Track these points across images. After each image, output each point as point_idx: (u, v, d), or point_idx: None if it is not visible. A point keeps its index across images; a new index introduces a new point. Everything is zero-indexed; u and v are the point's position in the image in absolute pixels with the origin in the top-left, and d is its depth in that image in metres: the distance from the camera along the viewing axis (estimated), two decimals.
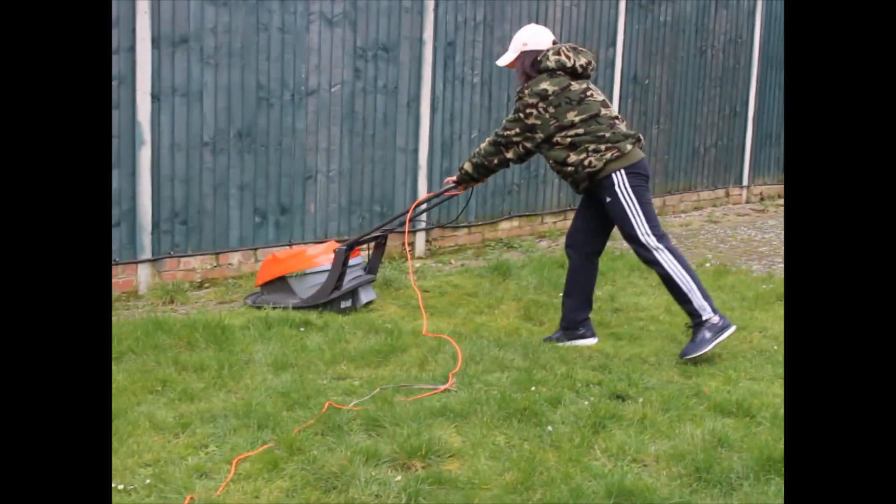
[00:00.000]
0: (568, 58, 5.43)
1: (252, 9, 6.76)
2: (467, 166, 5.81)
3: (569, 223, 9.21)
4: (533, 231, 8.93)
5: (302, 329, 5.65)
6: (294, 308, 6.03)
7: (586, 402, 4.55)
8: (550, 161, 5.55)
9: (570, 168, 5.42)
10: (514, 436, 4.18)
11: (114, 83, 6.19)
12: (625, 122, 5.61)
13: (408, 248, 7.42)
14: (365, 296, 6.29)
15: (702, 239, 9.22)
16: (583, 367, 5.10)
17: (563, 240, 8.70)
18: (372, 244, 6.44)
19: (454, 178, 6.02)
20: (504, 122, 5.63)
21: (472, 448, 4.03)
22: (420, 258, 7.91)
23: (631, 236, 5.39)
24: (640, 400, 4.63)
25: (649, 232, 5.36)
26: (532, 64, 5.49)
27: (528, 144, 5.52)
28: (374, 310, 6.23)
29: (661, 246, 5.35)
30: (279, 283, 6.21)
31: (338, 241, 6.48)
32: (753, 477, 3.83)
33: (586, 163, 5.35)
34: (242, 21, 6.73)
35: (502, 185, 8.56)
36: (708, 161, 10.77)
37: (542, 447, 4.07)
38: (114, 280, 6.42)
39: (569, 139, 5.37)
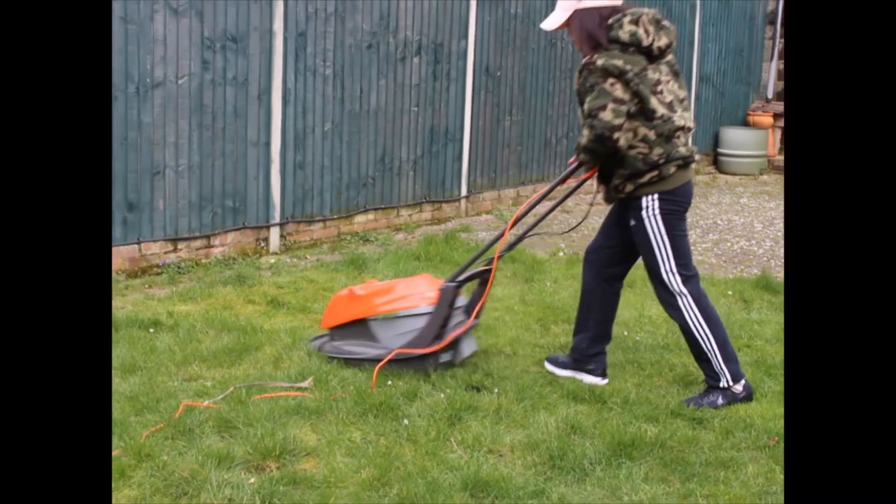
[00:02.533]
0: (647, 33, 4.44)
1: None
2: (583, 156, 4.59)
3: (424, 216, 9.28)
4: (389, 224, 8.91)
5: (151, 330, 5.49)
6: (373, 362, 4.82)
7: (442, 395, 4.57)
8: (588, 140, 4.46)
9: (608, 183, 4.66)
10: (370, 431, 4.18)
11: None
12: (691, 131, 4.66)
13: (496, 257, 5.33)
14: (467, 347, 5.09)
15: (556, 228, 9.37)
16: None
17: (419, 232, 8.75)
18: (476, 280, 5.21)
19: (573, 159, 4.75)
20: (588, 104, 4.43)
21: (327, 446, 4.01)
22: (274, 254, 7.80)
23: (653, 271, 4.69)
24: (496, 390, 4.68)
25: (675, 270, 4.62)
26: (600, 25, 4.47)
27: (623, 122, 4.39)
28: (228, 307, 6.10)
29: (685, 291, 4.61)
30: (356, 328, 4.99)
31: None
32: (605, 462, 3.93)
33: (622, 183, 4.57)
34: None
35: (356, 179, 8.52)
36: (559, 151, 10.95)
37: (398, 442, 4.07)
38: None
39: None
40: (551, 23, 4.64)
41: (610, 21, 4.46)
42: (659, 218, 4.54)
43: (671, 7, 12.46)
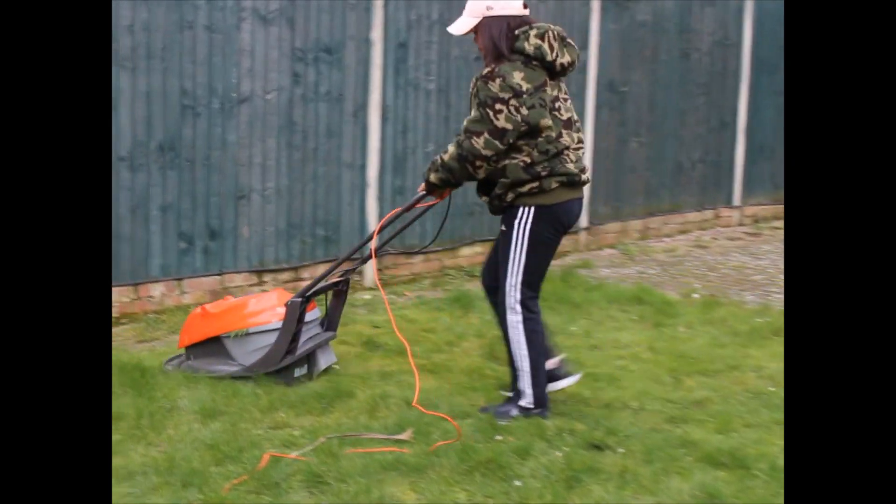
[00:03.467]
0: (552, 48, 4.91)
1: (175, 5, 6.74)
2: (433, 178, 5.11)
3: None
4: None
5: None
6: (233, 377, 5.39)
7: (559, 453, 4.56)
8: (451, 157, 4.99)
9: (488, 191, 5.09)
10: (476, 492, 4.18)
11: None
12: (581, 150, 5.12)
13: (379, 282, 7.18)
14: (324, 360, 5.70)
15: (688, 266, 9.28)
16: (554, 414, 5.10)
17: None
18: (329, 292, 5.87)
19: (421, 187, 5.30)
20: (466, 123, 4.94)
21: None
22: (370, 289, 7.90)
23: (502, 275, 5.10)
24: (621, 450, 4.64)
25: (518, 285, 5.03)
26: (507, 35, 4.88)
27: (497, 158, 4.89)
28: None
29: (518, 308, 5.04)
30: (211, 346, 5.55)
31: (285, 291, 5.94)
32: None
33: (506, 193, 4.99)
34: (164, 18, 6.71)
35: (462, 207, 8.57)
36: (694, 178, 10.86)
37: None
38: None
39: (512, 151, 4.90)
40: (458, 28, 5.05)
41: (517, 32, 4.89)
42: (527, 231, 4.97)
43: None
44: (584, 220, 9.65)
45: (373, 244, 5.32)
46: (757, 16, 11.18)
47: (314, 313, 5.70)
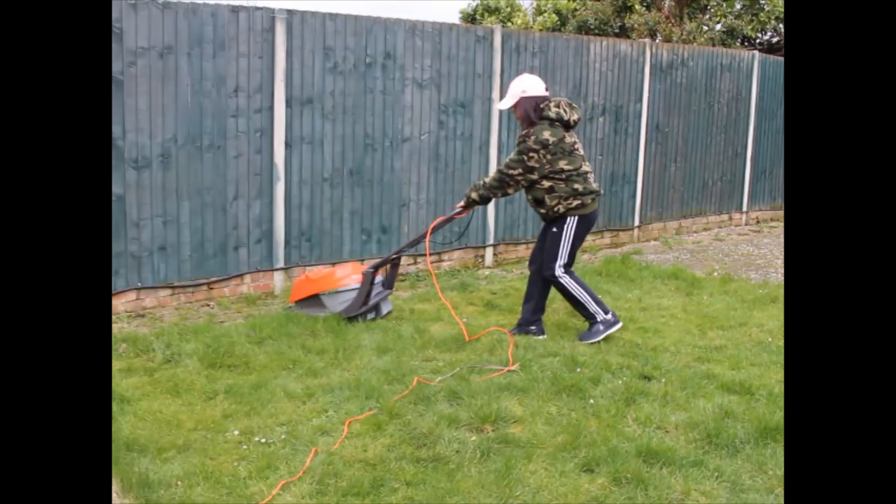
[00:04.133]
0: (566, 111, 5.20)
1: (361, 76, 6.84)
2: (474, 195, 5.40)
3: (604, 241, 9.17)
4: None
5: (395, 321, 5.68)
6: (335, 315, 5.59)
7: (620, 381, 4.51)
8: (529, 197, 5.34)
9: (542, 209, 5.30)
10: (563, 406, 4.16)
11: (256, 134, 6.32)
12: (592, 175, 5.38)
13: (430, 266, 7.27)
14: (385, 308, 5.86)
15: (710, 254, 9.05)
16: (616, 354, 5.04)
17: (601, 254, 8.65)
18: (389, 265, 6.01)
19: (462, 203, 5.56)
20: (508, 160, 5.25)
21: (530, 416, 4.02)
22: (489, 267, 7.91)
23: (549, 260, 5.33)
24: (663, 380, 4.57)
25: (561, 265, 5.31)
26: (535, 109, 5.19)
27: (524, 183, 5.25)
28: (455, 307, 6.21)
29: (563, 275, 5.32)
30: (312, 300, 5.76)
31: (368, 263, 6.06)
32: (754, 442, 3.77)
33: (556, 209, 5.23)
34: (354, 86, 6.81)
35: None
36: (715, 192, 10.57)
37: (585, 416, 4.04)
38: (255, 283, 6.54)
39: (549, 183, 5.19)
40: (504, 105, 5.33)
41: (541, 105, 5.20)
42: (573, 233, 5.29)
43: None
44: (636, 220, 9.49)
45: (427, 238, 5.65)
46: (761, 78, 10.81)
47: (378, 278, 5.83)
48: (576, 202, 5.23)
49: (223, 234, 6.30)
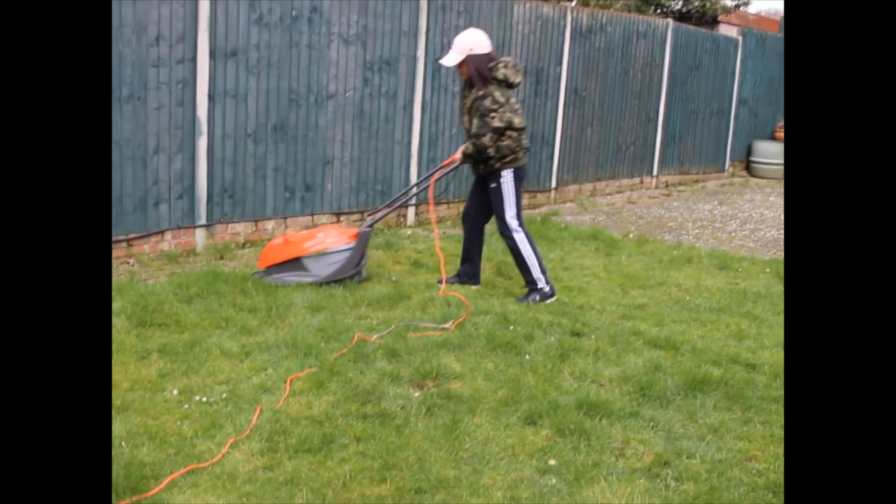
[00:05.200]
0: (513, 73, 5.26)
1: (287, 29, 6.69)
2: (468, 159, 5.44)
3: (524, 202, 9.30)
4: None
5: None
6: (312, 284, 5.40)
7: (552, 338, 4.63)
8: (475, 145, 5.29)
9: (481, 165, 5.40)
10: (500, 363, 4.25)
11: (178, 86, 6.12)
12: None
13: (433, 217, 7.36)
14: (364, 271, 5.77)
15: (625, 216, 9.32)
16: (546, 313, 5.16)
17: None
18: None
19: (458, 156, 5.49)
20: (474, 129, 5.26)
21: (469, 372, 4.10)
22: (411, 227, 7.93)
23: (500, 216, 5.44)
24: (593, 337, 4.72)
25: (514, 216, 5.43)
26: (485, 68, 5.19)
27: (497, 141, 5.24)
28: (381, 265, 6.24)
29: (519, 229, 5.44)
30: (291, 264, 5.46)
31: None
32: (683, 393, 3.95)
33: (493, 164, 5.34)
34: (279, 39, 6.66)
35: (469, 172, 8.56)
36: (628, 156, 10.86)
37: (523, 371, 4.14)
38: (176, 241, 6.38)
39: (500, 138, 5.24)
40: (449, 61, 5.27)
41: (490, 65, 5.19)
42: (511, 183, 5.37)
43: (719, 43, 12.21)
44: (553, 182, 9.67)
45: (431, 191, 5.84)
46: (674, 45, 11.10)
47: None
48: (510, 157, 5.34)
49: (143, 189, 6.10)
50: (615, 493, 3.03)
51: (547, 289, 5.45)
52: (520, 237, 5.44)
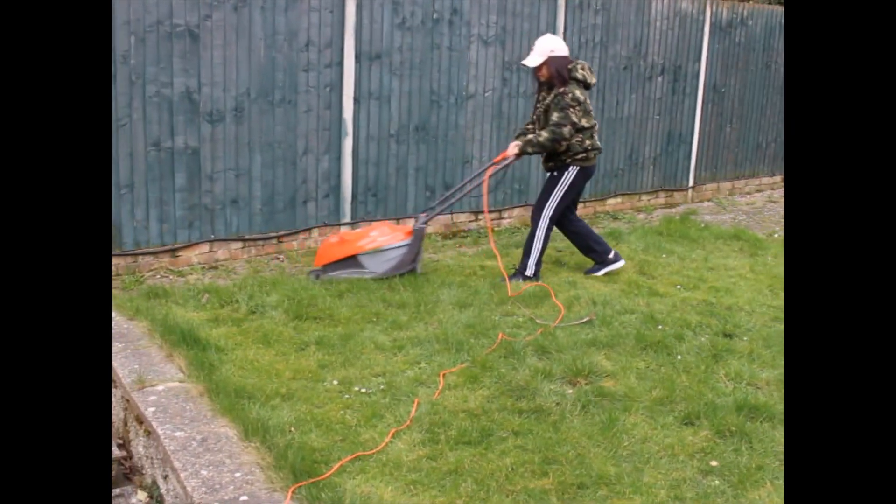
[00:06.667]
0: (589, 74, 5.60)
1: (428, 32, 6.83)
2: (529, 149, 5.58)
3: (659, 200, 9.16)
4: (632, 206, 8.85)
5: (466, 277, 5.73)
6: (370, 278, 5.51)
7: (703, 339, 4.55)
8: (553, 133, 5.48)
9: (552, 162, 5.66)
10: (651, 362, 4.22)
11: (326, 90, 6.35)
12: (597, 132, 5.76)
13: (487, 213, 7.36)
14: (419, 266, 5.80)
15: (766, 215, 9.02)
16: (694, 313, 5.07)
17: (656, 214, 8.65)
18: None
19: (515, 152, 5.63)
20: (556, 119, 5.46)
21: (621, 370, 4.09)
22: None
23: (543, 201, 5.71)
24: (745, 339, 4.61)
25: (554, 209, 5.68)
26: (566, 68, 5.49)
27: (572, 137, 5.52)
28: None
29: (549, 222, 5.72)
30: (347, 262, 5.56)
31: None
32: None
33: (564, 159, 5.60)
34: (421, 42, 6.81)
35: (610, 170, 8.50)
36: (768, 154, 10.49)
37: (675, 371, 4.10)
38: (323, 237, 6.62)
39: (574, 138, 5.55)
40: (533, 62, 5.53)
41: (569, 66, 5.50)
42: (570, 181, 5.65)
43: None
44: (691, 180, 9.46)
45: (485, 187, 6.03)
46: None
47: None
48: (581, 155, 5.60)
49: (292, 188, 6.37)
50: (782, 496, 2.96)
51: (534, 279, 5.67)
52: (546, 226, 5.72)
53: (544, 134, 5.53)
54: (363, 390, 3.83)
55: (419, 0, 6.71)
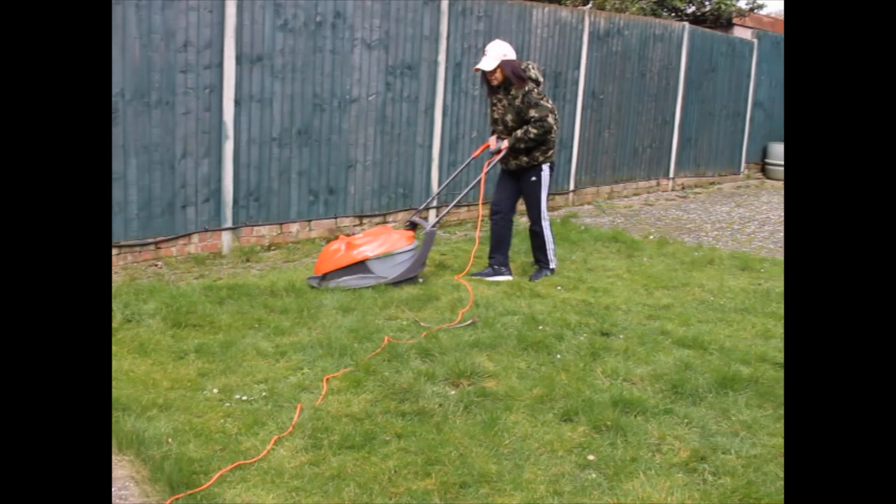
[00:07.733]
0: (539, 74, 5.94)
1: (311, 35, 6.78)
2: (521, 146, 5.80)
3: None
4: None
5: None
6: (370, 287, 5.46)
7: (582, 338, 4.69)
8: (522, 146, 5.81)
9: (525, 157, 5.89)
10: (532, 362, 4.32)
11: (206, 91, 6.21)
12: None
13: (480, 211, 7.28)
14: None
15: (643, 218, 9.37)
16: (573, 313, 5.21)
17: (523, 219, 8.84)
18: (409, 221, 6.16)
19: (506, 145, 5.84)
20: (535, 115, 5.72)
21: (503, 371, 4.16)
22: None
23: (537, 207, 6.01)
24: (622, 336, 4.77)
25: (544, 209, 6.05)
26: (520, 70, 5.77)
27: (554, 120, 5.86)
28: None
29: (548, 219, 6.12)
30: (354, 268, 5.51)
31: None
32: (714, 391, 4.00)
33: (537, 157, 5.90)
34: (304, 45, 6.75)
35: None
36: (645, 158, 10.91)
37: (555, 370, 4.20)
38: (203, 243, 6.47)
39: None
40: (489, 65, 5.70)
41: (522, 66, 5.79)
42: (547, 180, 6.00)
43: (734, 46, 12.26)
44: (571, 184, 9.74)
45: (482, 180, 6.25)
46: (690, 49, 11.16)
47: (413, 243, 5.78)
48: (550, 151, 5.95)
49: (171, 193, 6.20)
50: (655, 486, 3.09)
51: (553, 266, 6.16)
52: (547, 225, 6.09)
53: (533, 130, 5.77)
54: (244, 398, 3.76)
55: (301, 2, 6.66)
